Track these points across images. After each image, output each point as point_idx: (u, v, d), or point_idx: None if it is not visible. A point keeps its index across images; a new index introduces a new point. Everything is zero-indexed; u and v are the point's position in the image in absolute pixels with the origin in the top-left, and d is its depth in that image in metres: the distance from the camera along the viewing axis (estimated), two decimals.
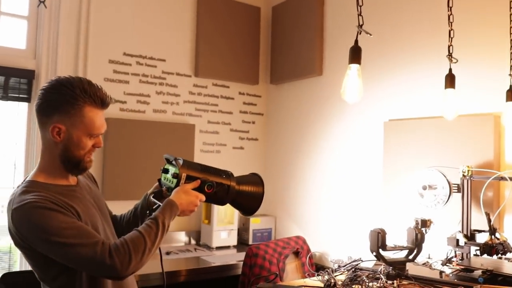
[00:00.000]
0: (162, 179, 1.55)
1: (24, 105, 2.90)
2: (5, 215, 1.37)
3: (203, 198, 1.51)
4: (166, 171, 1.53)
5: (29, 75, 2.85)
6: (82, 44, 2.99)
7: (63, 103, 1.34)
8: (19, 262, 2.85)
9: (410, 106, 2.58)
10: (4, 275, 2.36)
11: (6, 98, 2.79)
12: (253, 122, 3.73)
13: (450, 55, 1.93)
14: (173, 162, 1.51)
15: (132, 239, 1.31)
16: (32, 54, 2.91)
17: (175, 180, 1.48)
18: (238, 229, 3.38)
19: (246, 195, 1.60)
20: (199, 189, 1.50)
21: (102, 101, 1.39)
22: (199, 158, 3.39)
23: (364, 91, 2.80)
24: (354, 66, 1.57)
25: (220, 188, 1.53)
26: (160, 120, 3.24)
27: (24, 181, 1.40)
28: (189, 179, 1.49)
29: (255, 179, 1.64)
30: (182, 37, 3.40)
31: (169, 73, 3.33)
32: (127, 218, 1.64)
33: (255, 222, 3.41)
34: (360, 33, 1.52)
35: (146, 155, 3.10)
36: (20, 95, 2.84)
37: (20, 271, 2.56)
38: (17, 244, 1.36)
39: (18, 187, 1.37)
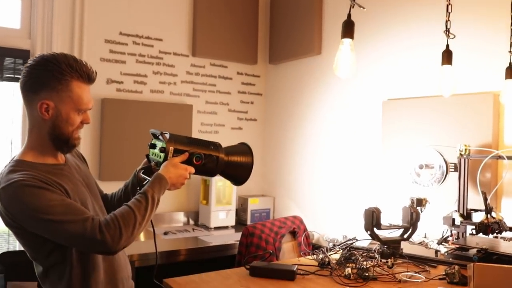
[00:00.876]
0: (150, 154, 1.55)
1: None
2: None
3: (192, 170, 1.50)
4: (153, 146, 1.52)
5: (24, 55, 2.82)
6: (77, 23, 2.95)
7: (50, 79, 1.32)
8: (18, 242, 2.87)
9: (409, 85, 2.54)
10: (2, 254, 2.38)
11: (1, 78, 2.77)
12: (252, 102, 3.70)
13: (447, 30, 1.88)
14: (160, 137, 1.50)
15: (122, 214, 1.31)
16: (27, 34, 2.88)
17: (162, 155, 1.47)
18: (237, 210, 3.38)
19: (236, 166, 1.59)
20: (187, 161, 1.49)
21: (88, 76, 1.37)
22: None
23: (363, 70, 2.80)
24: (347, 40, 1.53)
25: (209, 159, 1.52)
26: (158, 101, 3.22)
27: (11, 160, 1.38)
28: (177, 152, 1.48)
29: (243, 149, 1.62)
30: (179, 16, 3.35)
31: (166, 52, 3.29)
32: (118, 196, 1.64)
33: (254, 203, 3.40)
34: (353, 7, 1.48)
35: (144, 135, 3.05)
36: (15, 76, 2.82)
37: (18, 250, 2.57)
38: (7, 223, 1.35)
39: (5, 166, 1.36)
